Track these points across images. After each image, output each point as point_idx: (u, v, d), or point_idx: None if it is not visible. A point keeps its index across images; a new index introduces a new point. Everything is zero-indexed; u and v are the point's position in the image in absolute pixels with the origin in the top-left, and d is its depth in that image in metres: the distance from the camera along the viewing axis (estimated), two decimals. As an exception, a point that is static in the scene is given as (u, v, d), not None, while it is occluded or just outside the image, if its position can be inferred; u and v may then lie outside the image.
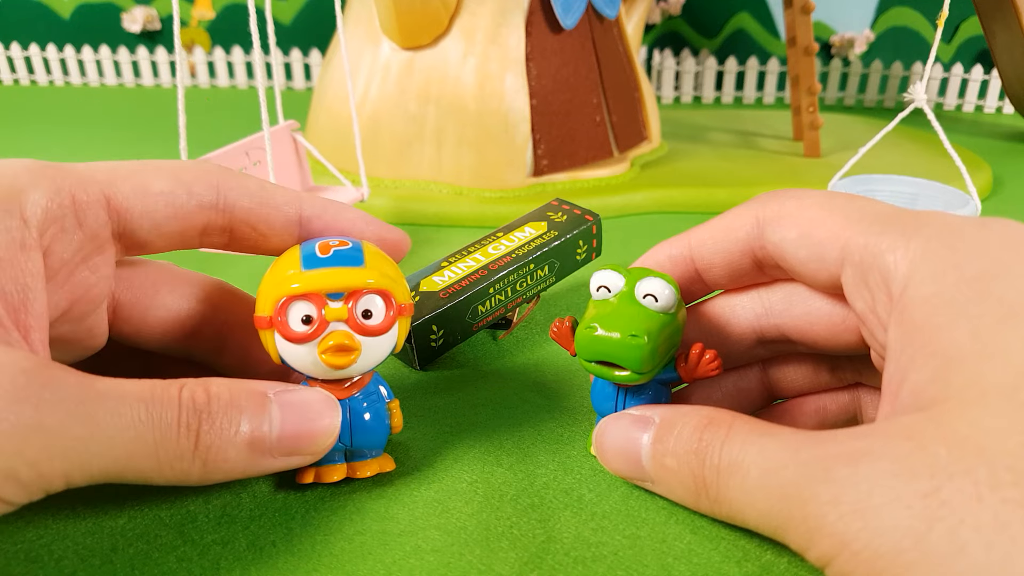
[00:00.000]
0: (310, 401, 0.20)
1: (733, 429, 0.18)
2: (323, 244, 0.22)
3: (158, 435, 0.17)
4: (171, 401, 0.18)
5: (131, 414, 0.17)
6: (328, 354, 0.21)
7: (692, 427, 0.19)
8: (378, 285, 0.21)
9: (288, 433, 0.20)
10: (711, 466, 0.18)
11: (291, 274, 0.21)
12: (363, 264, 0.21)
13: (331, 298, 0.21)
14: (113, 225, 0.21)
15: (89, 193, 0.20)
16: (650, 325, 0.21)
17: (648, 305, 0.21)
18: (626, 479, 0.22)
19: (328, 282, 0.21)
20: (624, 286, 0.22)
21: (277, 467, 0.20)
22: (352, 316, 0.21)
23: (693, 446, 0.19)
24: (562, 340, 0.24)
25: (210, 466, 0.18)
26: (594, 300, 0.22)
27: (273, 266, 0.22)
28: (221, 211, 0.22)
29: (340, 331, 0.21)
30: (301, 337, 0.21)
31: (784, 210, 0.21)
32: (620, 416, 0.22)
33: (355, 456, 0.23)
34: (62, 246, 0.20)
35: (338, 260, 0.21)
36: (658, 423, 0.20)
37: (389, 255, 0.23)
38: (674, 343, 0.22)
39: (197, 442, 0.18)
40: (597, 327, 0.21)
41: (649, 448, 0.21)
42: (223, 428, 0.18)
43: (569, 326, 0.24)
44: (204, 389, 0.19)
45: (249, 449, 0.19)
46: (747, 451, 0.18)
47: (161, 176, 0.21)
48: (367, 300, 0.21)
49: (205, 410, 0.18)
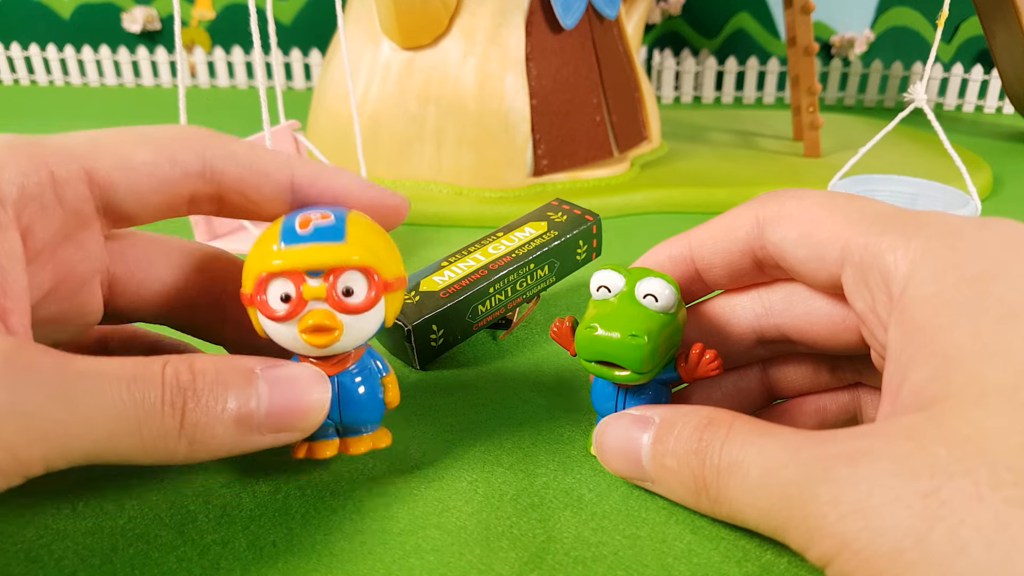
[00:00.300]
0: (298, 376, 0.20)
1: (733, 429, 0.18)
2: (303, 218, 0.21)
3: (141, 414, 0.17)
4: (154, 379, 0.17)
5: (112, 393, 0.17)
6: (307, 334, 0.20)
7: (692, 427, 0.19)
8: (361, 262, 0.20)
9: (276, 409, 0.19)
10: (711, 466, 0.18)
11: (270, 250, 0.20)
12: (344, 239, 0.20)
13: (310, 275, 0.20)
14: (96, 200, 0.20)
15: (69, 169, 0.19)
16: (650, 325, 0.21)
17: (648, 305, 0.21)
18: (626, 479, 0.22)
19: (305, 259, 0.20)
20: (624, 286, 0.22)
21: (266, 444, 0.20)
22: (331, 294, 0.20)
23: (693, 446, 0.19)
24: (562, 340, 0.24)
25: (197, 444, 0.18)
26: (594, 300, 0.22)
27: (257, 240, 0.21)
28: (208, 180, 0.21)
29: (319, 310, 0.20)
30: (279, 316, 0.20)
31: (784, 210, 0.21)
32: (620, 416, 0.22)
33: (349, 432, 0.22)
34: (42, 225, 0.19)
35: (318, 236, 0.20)
36: (658, 423, 0.20)
37: (386, 222, 0.23)
38: (674, 343, 0.22)
39: (183, 420, 0.18)
40: (597, 327, 0.21)
41: (649, 448, 0.20)
42: (209, 405, 0.18)
43: (569, 326, 0.24)
44: (188, 366, 0.18)
45: (237, 426, 0.19)
46: (747, 451, 0.18)
47: (144, 146, 0.21)
48: (347, 277, 0.20)
49: (190, 387, 0.18)
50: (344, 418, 0.22)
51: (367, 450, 0.22)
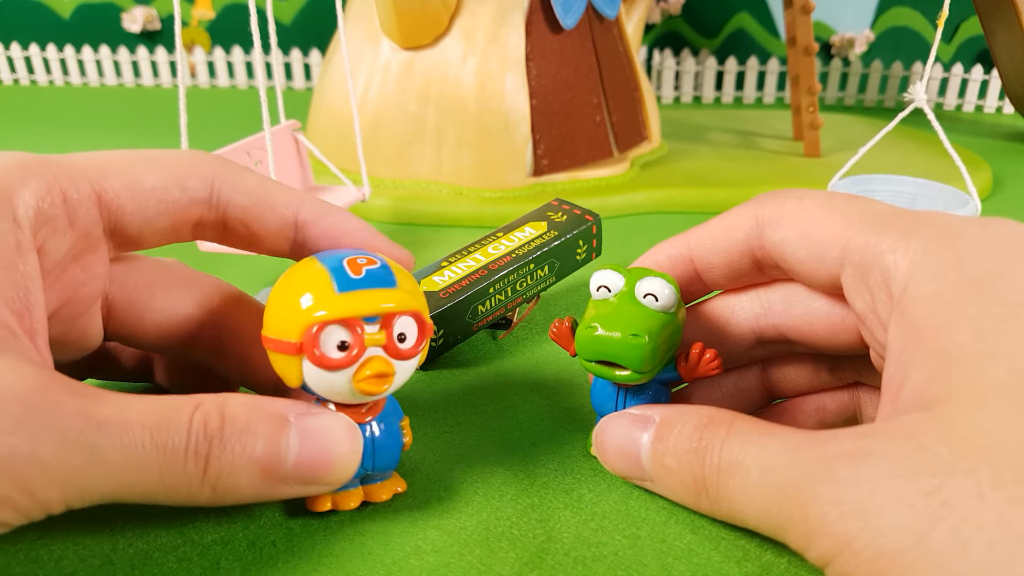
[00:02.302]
0: (331, 427, 0.19)
1: (733, 428, 0.18)
2: (352, 262, 0.20)
3: (163, 462, 0.17)
4: (180, 427, 0.17)
5: (134, 442, 0.16)
6: (366, 383, 0.19)
7: (692, 426, 0.19)
8: (412, 306, 0.20)
9: (305, 461, 0.19)
10: (711, 465, 0.18)
11: (324, 297, 0.19)
12: (396, 285, 0.20)
13: (367, 322, 0.19)
14: (105, 222, 0.20)
15: (80, 190, 0.20)
16: (651, 324, 0.21)
17: (648, 305, 0.21)
18: (626, 479, 0.22)
19: (367, 307, 0.19)
20: (624, 286, 0.22)
21: (292, 494, 0.19)
22: (390, 340, 0.20)
23: (693, 445, 0.19)
24: (562, 341, 0.24)
25: (220, 492, 0.18)
26: (594, 300, 0.22)
27: (290, 283, 0.20)
28: (214, 207, 0.21)
29: (378, 357, 0.20)
30: (338, 364, 0.19)
31: (784, 210, 0.21)
32: (620, 415, 0.22)
33: (369, 479, 0.22)
34: (54, 246, 0.19)
35: (372, 282, 0.20)
36: (658, 422, 0.20)
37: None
38: (674, 343, 0.22)
39: (206, 468, 0.17)
40: (597, 327, 0.21)
41: (649, 447, 0.20)
42: (236, 454, 0.18)
43: (568, 326, 0.24)
44: (219, 411, 0.18)
45: (263, 475, 0.18)
46: (747, 450, 0.18)
47: (154, 170, 0.21)
48: (402, 323, 0.20)
49: (217, 436, 0.17)
50: (376, 465, 0.21)
51: (390, 497, 0.22)
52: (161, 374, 0.27)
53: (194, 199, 0.21)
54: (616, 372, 0.21)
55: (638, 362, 0.21)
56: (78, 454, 0.16)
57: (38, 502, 0.16)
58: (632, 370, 0.21)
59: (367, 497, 0.22)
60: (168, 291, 0.24)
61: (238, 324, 0.24)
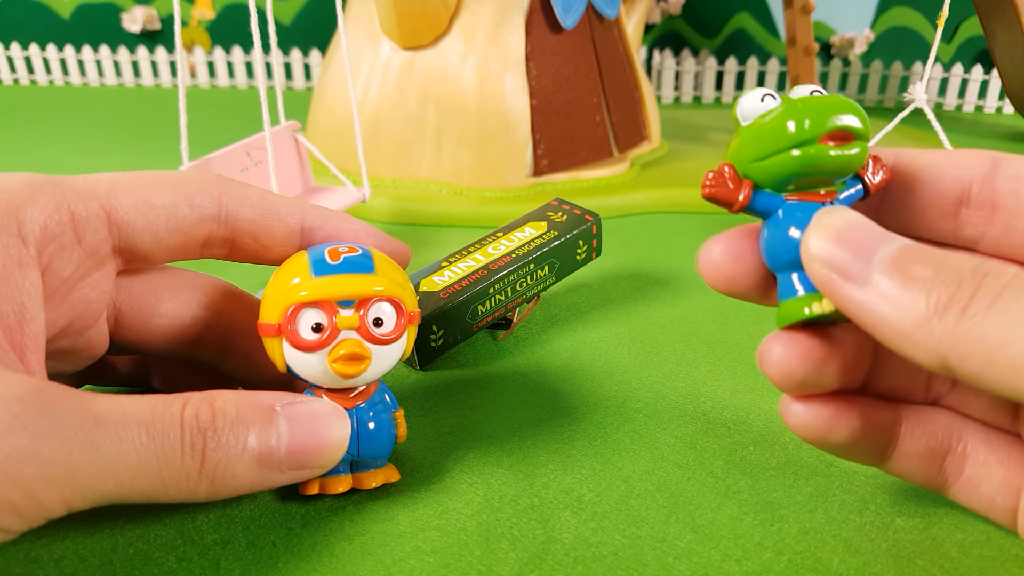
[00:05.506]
0: (318, 413, 0.20)
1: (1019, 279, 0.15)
2: (332, 250, 0.21)
3: (161, 456, 0.17)
4: (173, 421, 0.17)
5: (132, 438, 0.17)
6: (339, 363, 0.20)
7: (965, 257, 0.16)
8: (389, 292, 0.21)
9: (296, 447, 0.19)
10: (986, 288, 0.15)
11: (300, 281, 0.21)
12: (374, 271, 0.21)
13: (342, 305, 0.20)
14: (114, 240, 0.21)
15: (89, 208, 0.20)
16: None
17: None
18: (820, 280, 0.17)
19: (339, 289, 0.20)
20: (781, 100, 0.19)
21: (285, 481, 0.20)
22: (363, 324, 0.21)
23: (970, 264, 0.15)
24: (721, 188, 0.20)
25: (218, 484, 0.18)
26: (763, 114, 0.19)
27: (279, 272, 0.22)
28: (223, 223, 0.22)
29: (351, 339, 0.20)
30: (311, 345, 0.20)
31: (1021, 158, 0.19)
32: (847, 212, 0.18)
33: (360, 467, 0.22)
34: (61, 263, 0.20)
35: (349, 267, 0.21)
36: (905, 242, 0.16)
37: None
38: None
39: (203, 461, 0.18)
40: (815, 103, 0.18)
41: (897, 246, 0.16)
42: (230, 445, 0.18)
43: (732, 170, 0.20)
44: (209, 405, 0.18)
45: (257, 465, 0.19)
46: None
47: (162, 188, 0.21)
48: (378, 308, 0.21)
49: (210, 428, 0.18)
50: (361, 452, 0.22)
51: (379, 484, 0.23)
52: (157, 379, 0.28)
53: (203, 216, 0.22)
54: (848, 151, 0.17)
55: (867, 127, 0.18)
56: (78, 450, 0.16)
57: (40, 504, 0.16)
58: (863, 139, 0.18)
59: (356, 484, 0.22)
60: (174, 295, 0.24)
61: (242, 323, 0.25)
